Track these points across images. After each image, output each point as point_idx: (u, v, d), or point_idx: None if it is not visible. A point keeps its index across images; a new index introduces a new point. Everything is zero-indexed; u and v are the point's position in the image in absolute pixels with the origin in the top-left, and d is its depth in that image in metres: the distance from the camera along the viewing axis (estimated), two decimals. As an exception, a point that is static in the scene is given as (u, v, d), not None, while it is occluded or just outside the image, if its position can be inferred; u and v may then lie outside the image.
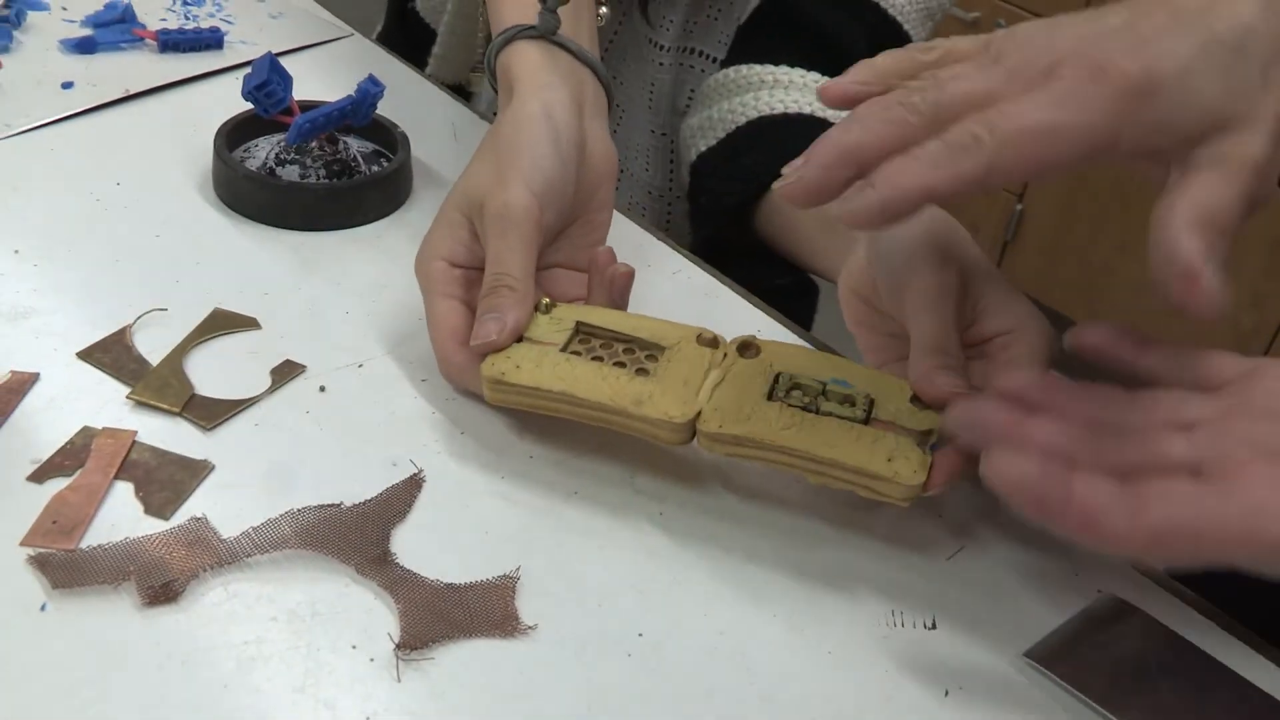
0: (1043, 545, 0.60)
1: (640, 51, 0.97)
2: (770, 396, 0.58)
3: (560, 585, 0.54)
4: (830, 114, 0.84)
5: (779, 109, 0.85)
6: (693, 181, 0.90)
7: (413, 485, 0.58)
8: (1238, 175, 0.50)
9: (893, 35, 0.90)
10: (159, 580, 0.52)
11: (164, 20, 0.94)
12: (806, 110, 0.85)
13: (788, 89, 0.87)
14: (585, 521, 0.58)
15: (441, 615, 0.52)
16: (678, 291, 0.76)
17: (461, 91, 1.04)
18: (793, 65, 0.87)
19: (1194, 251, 0.49)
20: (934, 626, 0.55)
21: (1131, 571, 0.59)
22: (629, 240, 0.79)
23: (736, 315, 0.75)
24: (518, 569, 0.54)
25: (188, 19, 0.95)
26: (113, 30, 0.91)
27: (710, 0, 0.94)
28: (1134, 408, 0.51)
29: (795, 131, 0.84)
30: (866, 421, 0.57)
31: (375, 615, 0.52)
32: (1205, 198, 0.50)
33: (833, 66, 0.85)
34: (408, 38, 1.10)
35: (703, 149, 0.88)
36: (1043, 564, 0.59)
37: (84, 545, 0.53)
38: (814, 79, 0.86)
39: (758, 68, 0.88)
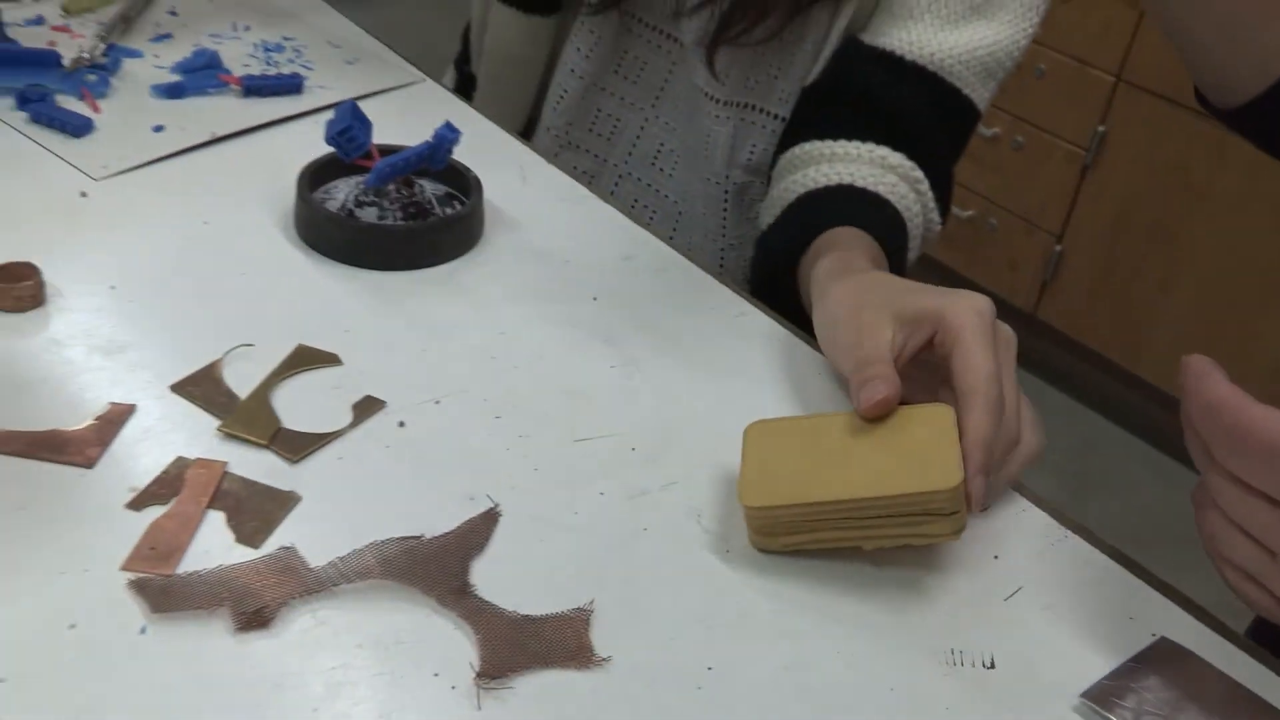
0: (1098, 589, 0.60)
1: (695, 104, 0.97)
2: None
3: (632, 618, 0.55)
4: (869, 182, 0.85)
5: (823, 182, 0.86)
6: (755, 258, 0.92)
7: (489, 519, 0.59)
8: None
9: (953, 99, 0.90)
10: (251, 607, 0.53)
11: (247, 66, 0.97)
12: (847, 180, 0.85)
13: (834, 161, 0.87)
14: (655, 557, 0.59)
15: (519, 646, 0.53)
16: (740, 335, 0.76)
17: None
18: (851, 136, 0.88)
19: None
20: (993, 666, 0.56)
21: (1186, 617, 0.60)
22: (691, 283, 0.80)
23: (798, 359, 0.75)
24: (591, 602, 0.55)
25: (269, 65, 0.97)
26: (199, 76, 0.93)
27: (770, 59, 0.95)
28: None
29: (826, 203, 0.85)
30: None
31: (455, 644, 0.53)
32: None
33: (894, 135, 0.87)
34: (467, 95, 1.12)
35: (764, 227, 0.90)
36: (1098, 607, 0.60)
37: (180, 571, 0.55)
38: (868, 150, 0.87)
39: (818, 143, 0.89)
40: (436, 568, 0.56)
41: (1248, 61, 0.71)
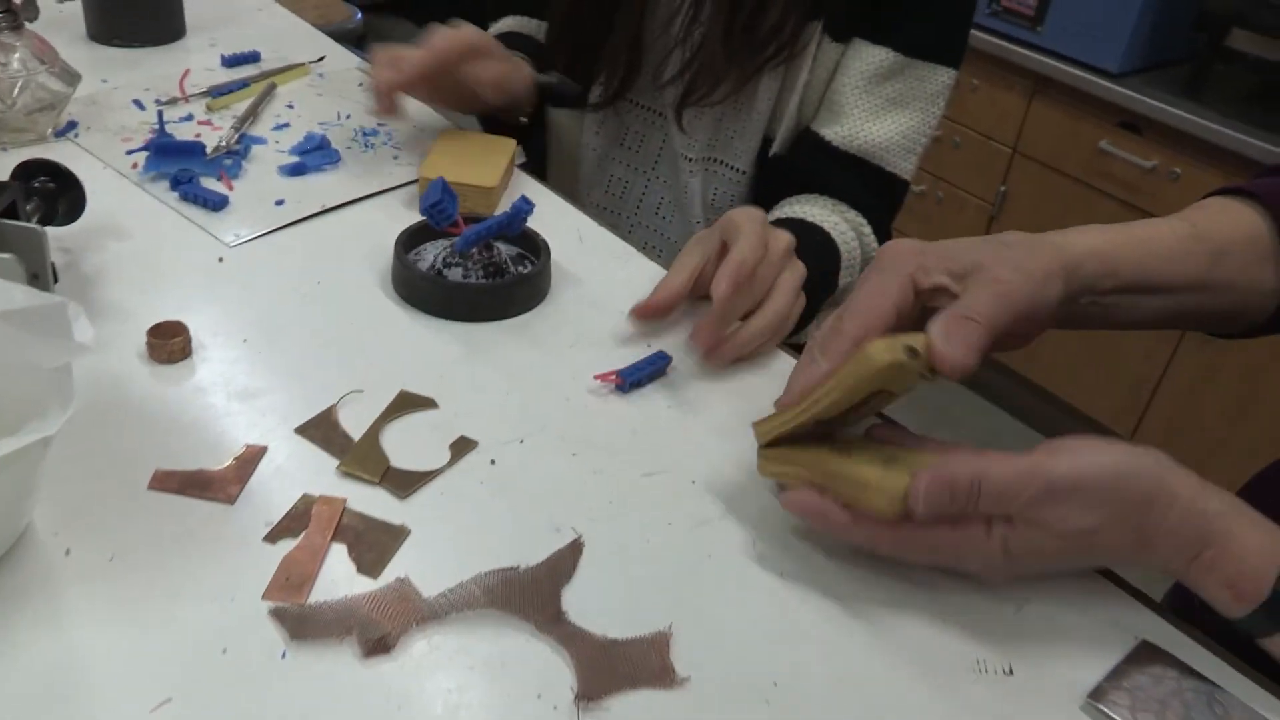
0: (1086, 599, 0.54)
1: (676, 164, 0.97)
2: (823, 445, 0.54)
3: (705, 639, 0.49)
4: (817, 219, 0.86)
5: (782, 215, 0.88)
6: None
7: (575, 549, 0.52)
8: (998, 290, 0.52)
9: (879, 174, 0.90)
10: (375, 635, 0.46)
11: (349, 148, 0.89)
12: (799, 216, 0.86)
13: (796, 204, 0.89)
14: (720, 581, 0.52)
15: (610, 669, 0.46)
16: (772, 377, 0.69)
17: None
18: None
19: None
20: (1011, 672, 0.49)
21: (1155, 618, 0.53)
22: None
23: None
24: (669, 625, 0.49)
25: (367, 147, 0.90)
26: (314, 156, 0.86)
27: (728, 123, 0.93)
28: None
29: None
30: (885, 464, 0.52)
31: (554, 667, 0.46)
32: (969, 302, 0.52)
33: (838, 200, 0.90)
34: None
35: None
36: (1089, 613, 0.53)
37: (312, 600, 0.48)
38: (823, 200, 0.89)
39: (788, 200, 0.91)
40: (532, 596, 0.49)
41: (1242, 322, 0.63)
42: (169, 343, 0.62)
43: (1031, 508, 0.48)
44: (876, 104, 0.88)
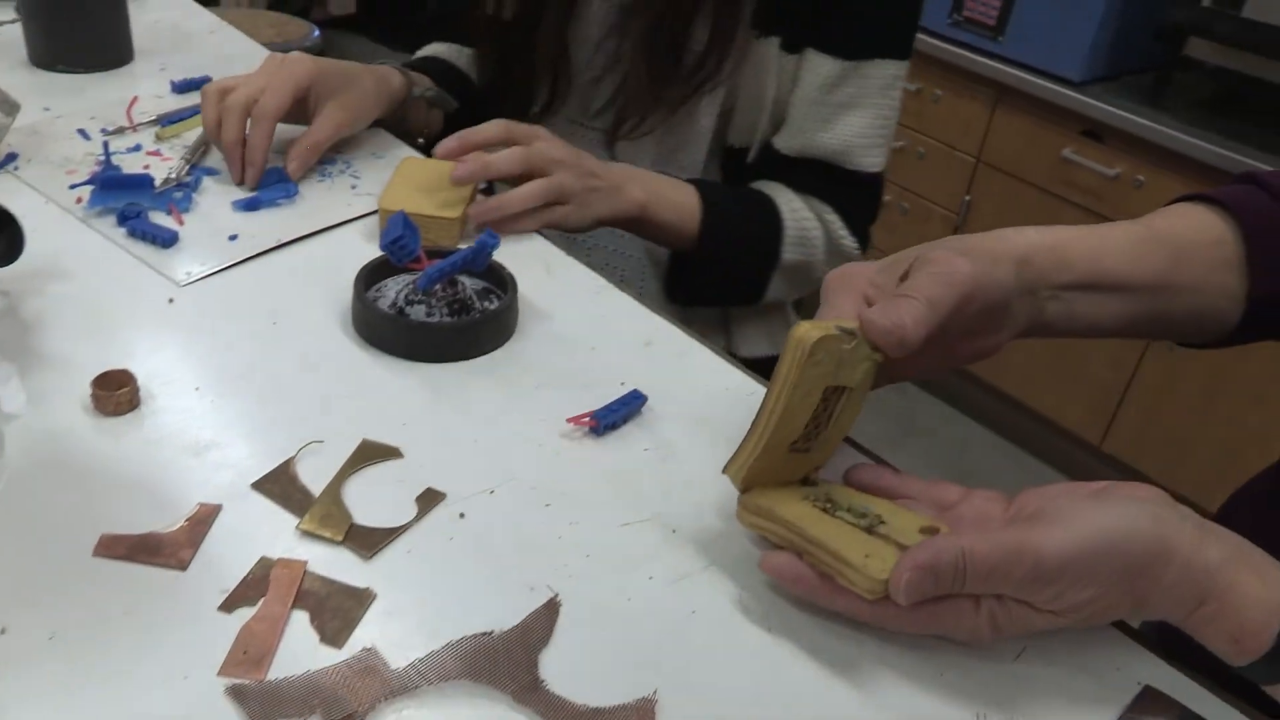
0: (1085, 642, 0.52)
1: None
2: (805, 498, 0.52)
3: (693, 705, 0.46)
4: (774, 191, 0.90)
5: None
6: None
7: (551, 610, 0.50)
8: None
9: (842, 172, 0.91)
10: (341, 713, 0.43)
11: (305, 178, 0.86)
12: (757, 188, 0.91)
13: (763, 184, 0.93)
14: (706, 640, 0.49)
15: (593, 742, 0.43)
16: (753, 413, 0.67)
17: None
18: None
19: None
20: (1012, 728, 0.47)
21: (1159, 662, 0.52)
22: (708, 366, 0.70)
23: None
24: (654, 691, 0.46)
25: (324, 177, 0.87)
26: (270, 190, 0.82)
27: (670, 139, 0.93)
28: None
29: (727, 190, 0.91)
30: (869, 532, 0.50)
31: (534, 742, 0.44)
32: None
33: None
34: None
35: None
36: (1089, 659, 0.51)
37: (272, 676, 0.45)
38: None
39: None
40: (508, 663, 0.46)
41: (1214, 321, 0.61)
42: (115, 394, 0.59)
43: (1021, 589, 0.46)
44: (826, 113, 0.89)
